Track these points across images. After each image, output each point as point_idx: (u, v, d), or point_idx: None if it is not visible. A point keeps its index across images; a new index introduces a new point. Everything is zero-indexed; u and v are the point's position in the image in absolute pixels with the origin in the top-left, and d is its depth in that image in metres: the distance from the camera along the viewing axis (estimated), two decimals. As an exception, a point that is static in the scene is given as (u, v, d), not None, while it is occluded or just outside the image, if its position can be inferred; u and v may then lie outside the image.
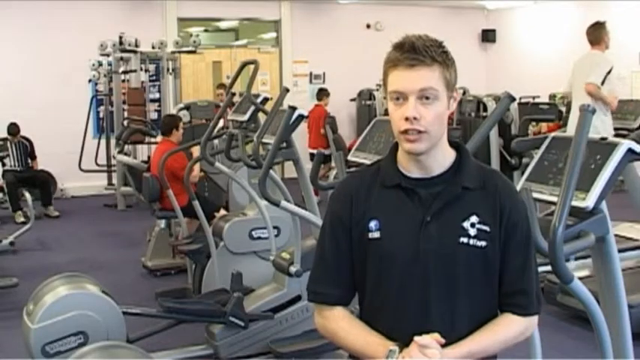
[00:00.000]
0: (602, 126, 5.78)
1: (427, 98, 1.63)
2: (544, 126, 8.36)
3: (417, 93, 1.62)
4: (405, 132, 1.64)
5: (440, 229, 1.67)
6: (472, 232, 1.67)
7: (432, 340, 1.60)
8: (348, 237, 1.75)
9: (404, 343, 1.64)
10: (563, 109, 7.81)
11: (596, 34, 6.22)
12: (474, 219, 1.67)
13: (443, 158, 1.72)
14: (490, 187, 1.71)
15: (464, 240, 1.66)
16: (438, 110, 1.64)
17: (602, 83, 6.03)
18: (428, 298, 1.67)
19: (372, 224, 1.71)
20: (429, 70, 1.62)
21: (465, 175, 1.70)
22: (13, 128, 8.97)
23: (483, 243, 1.67)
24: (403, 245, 1.68)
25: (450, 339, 1.64)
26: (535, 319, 1.76)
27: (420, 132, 1.63)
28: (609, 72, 6.06)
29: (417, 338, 1.61)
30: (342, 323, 1.75)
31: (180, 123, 6.43)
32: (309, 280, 1.83)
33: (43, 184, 9.06)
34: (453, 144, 1.75)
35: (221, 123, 5.91)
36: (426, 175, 1.71)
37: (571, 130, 5.88)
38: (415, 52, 1.62)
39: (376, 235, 1.71)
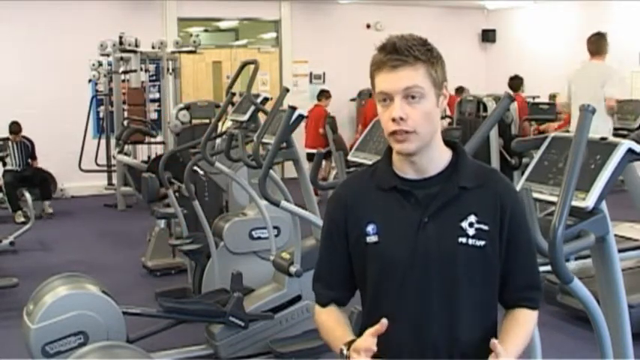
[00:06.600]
0: (604, 125, 5.76)
1: (413, 97, 1.62)
2: (552, 126, 8.22)
3: (401, 93, 1.62)
4: (394, 133, 1.64)
5: (438, 230, 1.66)
6: (471, 231, 1.66)
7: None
8: (345, 241, 1.76)
9: (403, 343, 1.66)
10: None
11: (598, 44, 6.18)
12: (472, 218, 1.66)
13: (438, 158, 1.71)
14: (488, 185, 1.70)
15: (463, 240, 1.65)
16: (426, 108, 1.63)
17: None
18: (428, 299, 1.66)
19: (370, 228, 1.70)
20: (413, 69, 1.62)
21: (461, 174, 1.69)
22: (15, 127, 8.96)
23: (482, 242, 1.66)
24: (402, 248, 1.67)
25: (451, 339, 1.64)
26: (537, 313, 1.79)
27: (407, 132, 1.63)
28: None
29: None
30: (323, 317, 1.79)
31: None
32: (312, 278, 1.86)
33: (43, 182, 9.07)
34: (449, 144, 1.74)
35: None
36: (422, 175, 1.70)
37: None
38: (397, 52, 1.62)
39: (374, 239, 1.70)
